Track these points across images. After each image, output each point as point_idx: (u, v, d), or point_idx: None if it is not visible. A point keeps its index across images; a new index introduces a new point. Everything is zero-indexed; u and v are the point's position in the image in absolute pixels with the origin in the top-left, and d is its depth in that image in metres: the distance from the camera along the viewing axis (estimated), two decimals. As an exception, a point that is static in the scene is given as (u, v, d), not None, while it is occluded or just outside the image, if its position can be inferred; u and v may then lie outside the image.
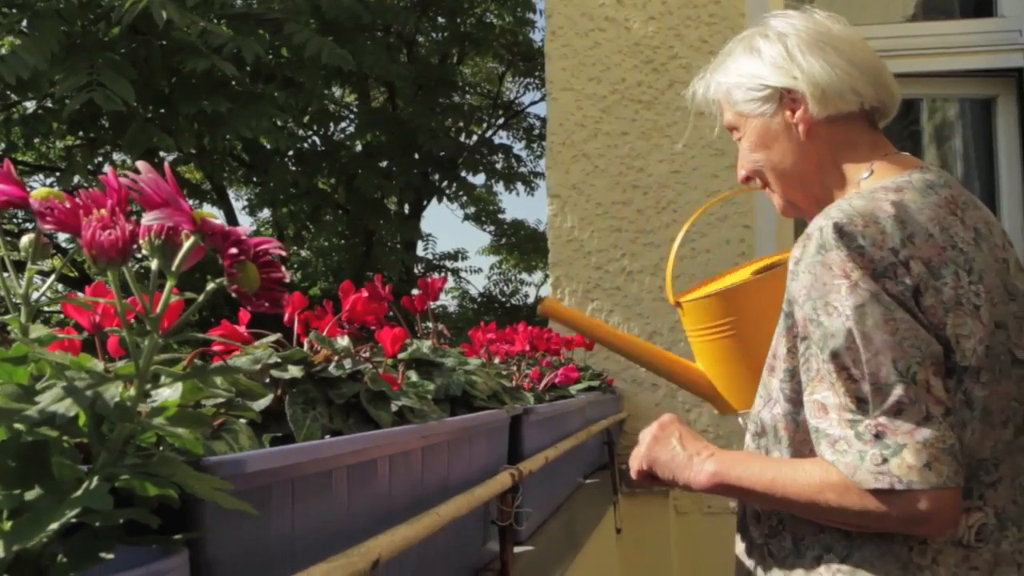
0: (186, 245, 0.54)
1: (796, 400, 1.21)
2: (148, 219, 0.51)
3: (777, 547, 1.26)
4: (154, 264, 0.55)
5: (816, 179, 1.36)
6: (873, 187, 1.25)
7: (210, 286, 0.54)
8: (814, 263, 1.17)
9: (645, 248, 3.38)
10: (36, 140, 9.35)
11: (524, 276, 18.85)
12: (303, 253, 14.94)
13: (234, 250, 0.52)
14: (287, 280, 0.55)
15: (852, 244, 1.14)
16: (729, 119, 1.44)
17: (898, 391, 1.10)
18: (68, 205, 0.54)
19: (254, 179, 12.17)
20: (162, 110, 7.58)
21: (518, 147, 14.89)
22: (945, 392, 1.12)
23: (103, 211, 0.51)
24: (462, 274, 16.28)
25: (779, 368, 1.25)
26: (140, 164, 0.53)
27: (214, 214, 0.53)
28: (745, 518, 1.32)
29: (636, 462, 1.34)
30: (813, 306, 1.17)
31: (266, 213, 12.84)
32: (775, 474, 1.19)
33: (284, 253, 0.54)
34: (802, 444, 1.21)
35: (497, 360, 1.80)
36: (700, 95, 1.48)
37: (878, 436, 1.10)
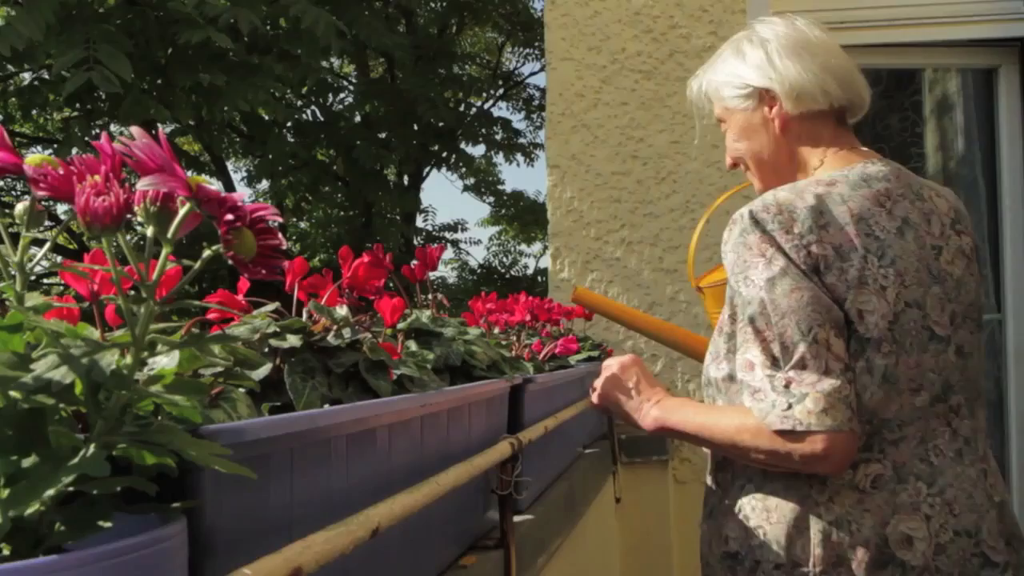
0: (182, 212, 0.53)
1: (733, 359, 1.44)
2: (142, 184, 0.50)
3: (721, 478, 1.51)
4: (150, 231, 0.54)
5: (788, 168, 1.57)
6: (808, 181, 1.46)
7: (206, 253, 0.53)
8: (737, 244, 1.41)
9: (645, 219, 3.37)
10: (33, 112, 9.30)
11: (523, 247, 18.85)
12: (302, 225, 14.92)
13: (230, 216, 0.51)
14: (284, 247, 0.54)
15: (764, 229, 1.37)
16: (718, 112, 1.65)
17: (801, 349, 1.32)
18: (62, 171, 0.53)
19: (253, 151, 12.13)
20: (159, 81, 7.54)
21: (518, 118, 14.85)
22: (845, 351, 1.34)
23: (97, 177, 0.51)
24: (462, 245, 16.28)
25: (724, 331, 1.49)
26: (134, 129, 0.52)
27: (210, 180, 0.52)
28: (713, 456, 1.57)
29: (595, 396, 1.58)
30: (736, 279, 1.41)
31: (265, 185, 12.81)
32: (704, 420, 1.43)
33: (281, 219, 0.53)
34: (736, 395, 1.43)
35: (497, 330, 1.80)
36: (696, 91, 1.68)
37: (787, 386, 1.32)
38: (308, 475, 0.74)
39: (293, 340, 0.92)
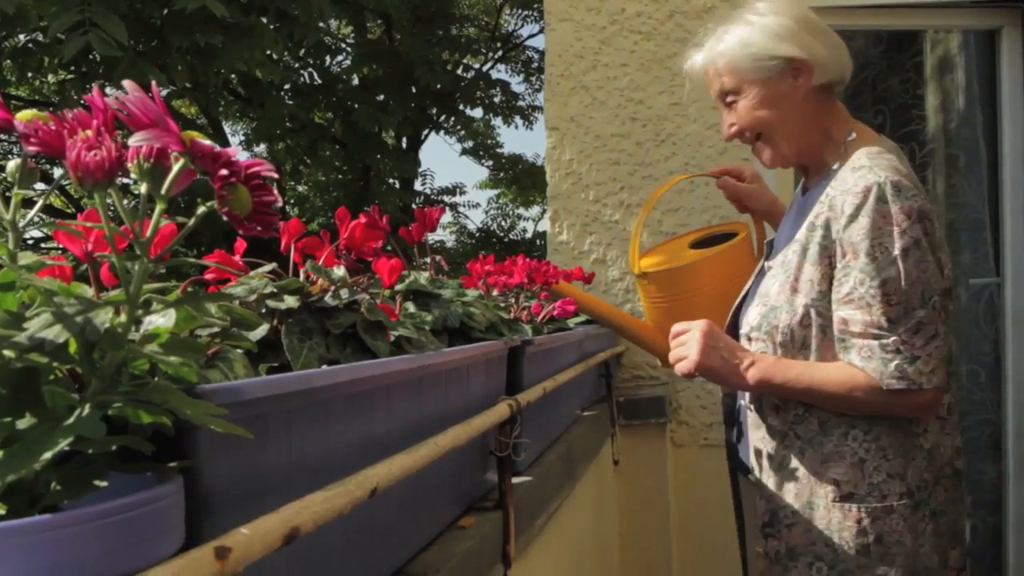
0: (175, 167, 0.52)
1: (826, 316, 1.57)
2: (135, 140, 0.49)
3: (803, 430, 1.62)
4: (143, 188, 0.54)
5: (807, 135, 1.69)
6: (879, 151, 1.61)
7: (201, 209, 0.52)
8: (873, 210, 1.50)
9: (644, 181, 3.36)
10: (28, 75, 9.23)
11: (522, 211, 18.80)
12: (300, 188, 14.87)
13: (224, 171, 0.51)
14: (280, 203, 0.54)
15: (905, 196, 1.50)
16: (729, 84, 1.71)
17: (920, 315, 1.50)
18: (53, 127, 0.52)
19: (250, 114, 12.05)
20: (154, 44, 7.48)
21: (517, 80, 14.75)
22: (949, 313, 1.52)
23: (88, 132, 0.50)
24: (460, 209, 16.24)
25: (809, 290, 1.59)
26: (127, 83, 0.51)
27: (203, 135, 0.51)
28: (762, 410, 1.67)
29: (687, 367, 1.65)
30: (870, 244, 1.50)
31: (262, 148, 12.73)
32: (811, 380, 1.57)
33: (276, 176, 0.52)
34: (826, 351, 1.58)
35: (495, 292, 1.79)
36: (699, 64, 1.76)
37: (898, 349, 1.50)
38: (306, 436, 0.74)
39: (290, 301, 0.91)
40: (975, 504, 3.53)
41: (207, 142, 0.51)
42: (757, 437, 1.68)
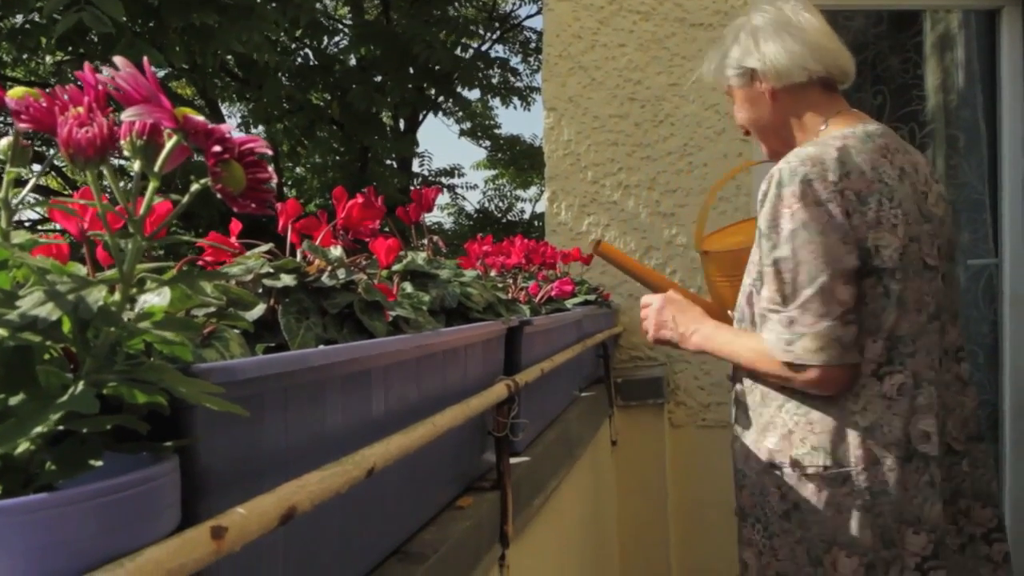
0: (169, 144, 0.52)
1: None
2: (127, 115, 0.49)
3: (751, 400, 1.79)
4: (137, 166, 0.53)
5: (783, 130, 1.87)
6: (825, 138, 1.72)
7: (195, 186, 0.52)
8: (773, 196, 1.65)
9: (642, 162, 3.35)
10: (25, 56, 9.19)
11: (520, 192, 18.78)
12: (298, 170, 14.83)
13: (217, 148, 0.50)
14: (274, 180, 0.53)
15: (795, 182, 1.62)
16: (724, 89, 1.97)
17: (807, 293, 1.60)
18: (44, 103, 0.51)
19: (247, 95, 12.01)
20: (151, 24, 7.44)
21: (515, 61, 14.69)
22: (852, 296, 1.61)
23: (80, 109, 0.49)
24: (458, 190, 16.22)
25: (752, 271, 1.76)
26: (118, 60, 0.51)
27: (196, 110, 0.51)
28: (732, 380, 1.88)
29: (648, 338, 1.98)
30: (768, 227, 1.65)
31: (260, 130, 12.70)
32: (732, 347, 1.78)
33: (270, 152, 0.52)
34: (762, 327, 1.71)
35: (493, 273, 1.79)
36: (709, 72, 1.99)
37: (790, 324, 1.63)
38: (303, 416, 0.73)
39: (287, 280, 0.91)
40: (972, 484, 3.53)
41: (200, 118, 0.50)
42: (730, 400, 1.90)
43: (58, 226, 0.76)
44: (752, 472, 1.76)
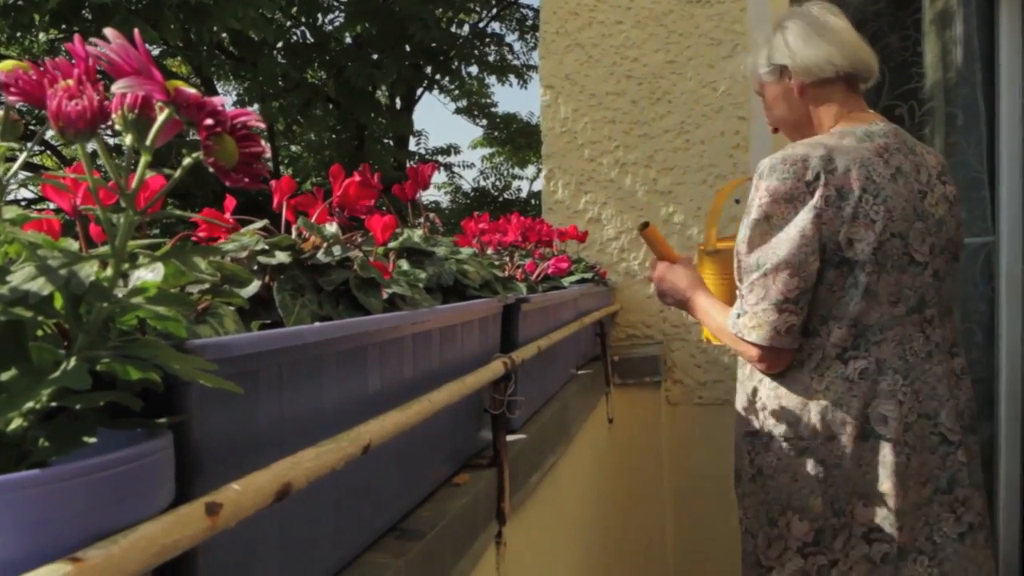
0: (160, 118, 0.51)
1: None
2: (117, 87, 0.48)
3: (740, 374, 2.00)
4: (128, 140, 0.52)
5: (807, 125, 2.00)
6: (823, 136, 1.87)
7: (187, 160, 0.51)
8: (754, 184, 1.81)
9: (639, 140, 3.34)
10: (19, 34, 9.13)
11: (517, 171, 18.75)
12: (294, 148, 14.79)
13: (210, 121, 0.49)
14: (267, 155, 0.52)
15: (772, 177, 1.77)
16: (756, 87, 2.11)
17: (753, 277, 1.78)
18: (34, 76, 0.51)
19: (243, 73, 11.96)
20: (146, 1, 7.40)
21: (511, 38, 14.63)
22: (794, 289, 1.74)
23: (70, 81, 0.49)
24: (455, 169, 16.19)
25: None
26: (108, 32, 0.50)
27: (188, 83, 0.50)
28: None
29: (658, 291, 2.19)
30: (747, 210, 1.82)
31: (255, 108, 12.65)
32: (709, 319, 1.99)
33: (263, 126, 0.51)
34: None
35: (490, 251, 1.78)
36: (745, 70, 2.12)
37: (740, 300, 1.82)
38: (298, 393, 0.73)
39: (282, 257, 0.90)
40: (967, 462, 3.55)
41: (192, 90, 0.50)
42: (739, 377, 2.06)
43: (53, 206, 0.75)
44: (737, 438, 1.98)
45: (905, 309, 1.80)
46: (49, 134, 0.53)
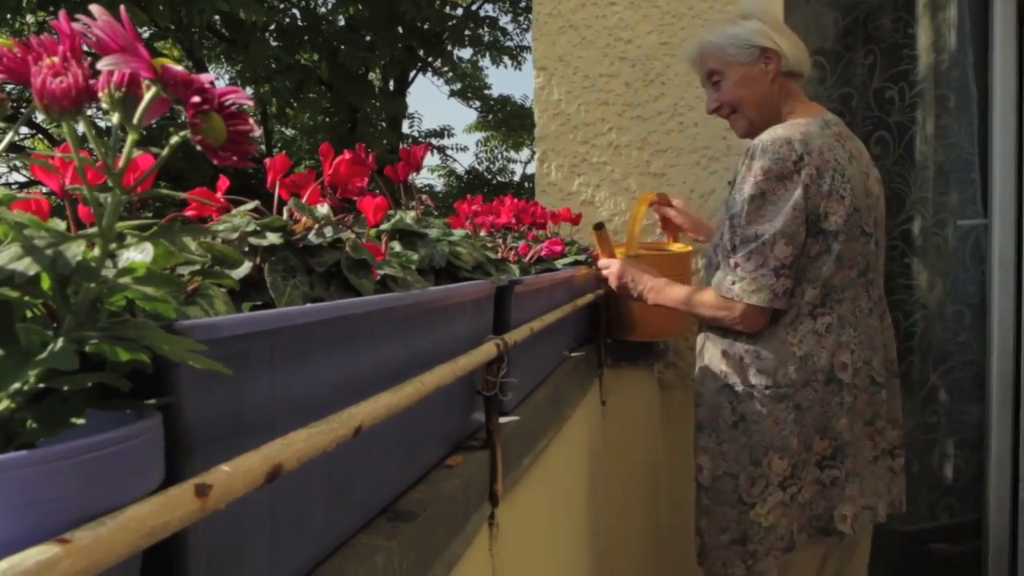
0: (147, 96, 0.51)
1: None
2: (103, 64, 0.48)
3: (712, 336, 2.24)
4: (115, 118, 0.52)
5: (769, 111, 2.25)
6: (792, 123, 2.14)
7: (174, 139, 0.51)
8: (745, 164, 2.06)
9: (632, 122, 3.33)
10: (7, 16, 9.07)
11: (511, 154, 18.72)
12: (287, 132, 14.74)
13: (197, 99, 0.49)
14: (256, 133, 0.52)
15: (766, 158, 2.03)
16: (714, 66, 2.29)
17: (751, 246, 2.02)
18: (18, 53, 0.50)
19: (234, 55, 11.90)
20: (135, -19, 7.35)
21: (504, 20, 14.58)
22: (788, 256, 2.02)
23: (55, 58, 0.48)
24: (448, 152, 16.15)
25: (722, 227, 2.15)
26: (94, 8, 0.49)
27: (175, 59, 0.49)
28: (699, 325, 2.34)
29: (611, 287, 2.49)
30: (737, 187, 2.09)
31: (248, 91, 12.57)
32: (678, 297, 2.27)
33: (251, 102, 0.51)
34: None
35: (483, 233, 1.78)
36: (695, 49, 2.35)
37: (735, 267, 2.06)
38: (289, 374, 0.73)
39: (273, 238, 0.90)
40: (959, 444, 3.57)
41: (179, 68, 0.49)
42: (698, 341, 2.34)
43: (45, 189, 0.74)
44: (708, 392, 2.22)
45: (857, 272, 2.13)
46: (41, 117, 0.52)
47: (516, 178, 18.02)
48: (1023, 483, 3.37)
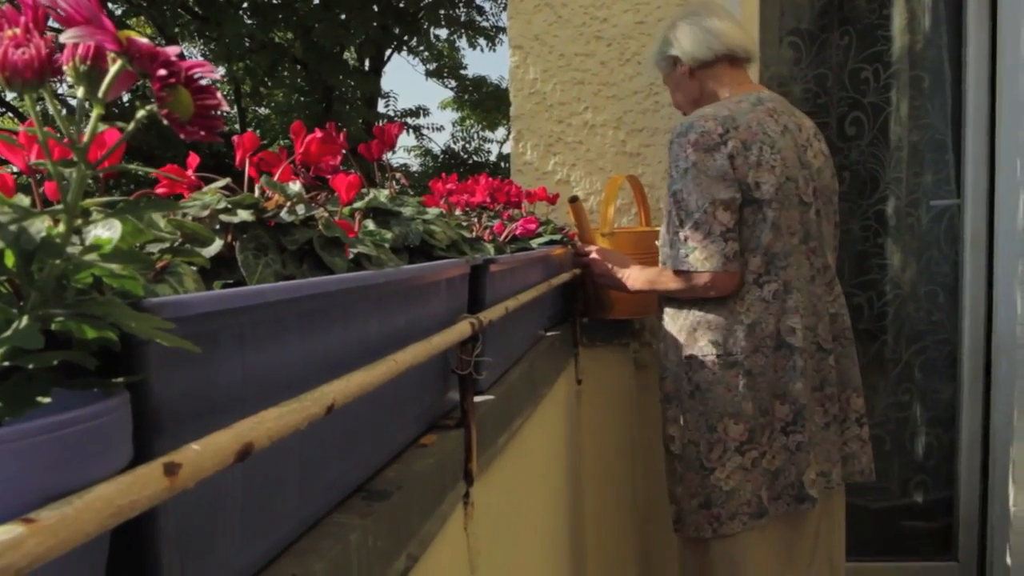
0: (113, 69, 0.50)
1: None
2: (67, 37, 0.47)
3: (671, 312, 2.39)
4: (80, 92, 0.51)
5: (703, 100, 2.46)
6: (723, 101, 2.31)
7: (140, 112, 0.50)
8: (673, 144, 2.26)
9: (608, 101, 3.32)
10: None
11: (487, 133, 18.67)
12: (262, 111, 14.63)
13: (163, 72, 0.48)
14: (224, 107, 0.51)
15: (691, 133, 2.21)
16: (663, 80, 2.66)
17: (696, 216, 2.16)
18: (-20, 25, 0.49)
19: (208, 33, 11.78)
20: (107, -43, 7.24)
21: (480, -1, 14.50)
22: (729, 219, 2.16)
23: (17, 30, 0.47)
24: (424, 131, 16.08)
25: (669, 206, 2.28)
26: (58, -21, 0.48)
27: (140, 33, 0.48)
28: (658, 304, 2.50)
29: (592, 277, 2.65)
30: (671, 166, 2.26)
31: (222, 70, 12.47)
32: (646, 278, 2.43)
33: (218, 77, 0.50)
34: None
35: (457, 212, 1.77)
36: (649, 67, 2.79)
37: (685, 240, 2.19)
38: (261, 353, 0.72)
39: (245, 215, 0.89)
40: (930, 422, 3.60)
41: (144, 40, 0.48)
42: (661, 319, 2.45)
43: (16, 169, 0.73)
44: (670, 364, 2.36)
45: (798, 239, 2.25)
46: (11, 95, 0.51)
47: (492, 158, 17.99)
48: (992, 461, 3.41)
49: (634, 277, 2.47)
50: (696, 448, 2.28)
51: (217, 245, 0.86)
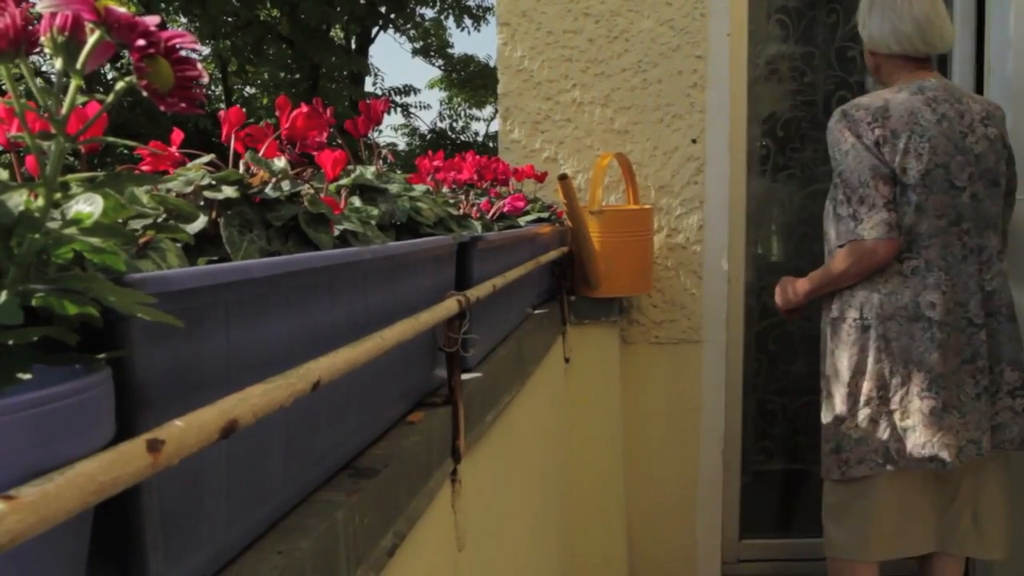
0: (91, 40, 0.49)
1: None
2: (43, 6, 0.46)
3: (826, 300, 2.66)
4: (58, 64, 0.50)
5: (879, 77, 2.68)
6: (882, 90, 2.56)
7: (120, 84, 0.49)
8: (832, 128, 2.52)
9: (596, 79, 3.31)
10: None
11: (475, 112, 18.61)
12: (248, 89, 14.54)
13: (142, 42, 0.47)
14: (205, 79, 0.50)
15: (846, 118, 2.47)
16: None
17: (861, 192, 2.41)
18: (-46, -6, 0.48)
19: (193, 10, 11.68)
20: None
21: (467, -23, 14.42)
22: (889, 192, 2.40)
23: (-8, -1, 0.46)
24: (412, 110, 16.01)
25: (831, 192, 2.58)
26: (34, -52, 0.47)
27: (119, 3, 0.48)
28: (822, 304, 2.71)
29: (781, 306, 2.87)
30: (832, 150, 2.52)
31: (207, 50, 12.38)
32: (817, 274, 2.63)
33: (198, 47, 0.49)
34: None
35: (445, 189, 1.76)
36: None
37: (854, 215, 2.42)
38: (245, 329, 0.72)
39: (229, 192, 0.88)
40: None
41: (123, 10, 0.47)
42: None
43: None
44: (824, 325, 2.65)
45: (947, 222, 2.41)
46: None
47: (480, 137, 17.93)
48: None
49: (801, 282, 2.71)
50: (832, 400, 2.56)
51: (201, 221, 0.85)
